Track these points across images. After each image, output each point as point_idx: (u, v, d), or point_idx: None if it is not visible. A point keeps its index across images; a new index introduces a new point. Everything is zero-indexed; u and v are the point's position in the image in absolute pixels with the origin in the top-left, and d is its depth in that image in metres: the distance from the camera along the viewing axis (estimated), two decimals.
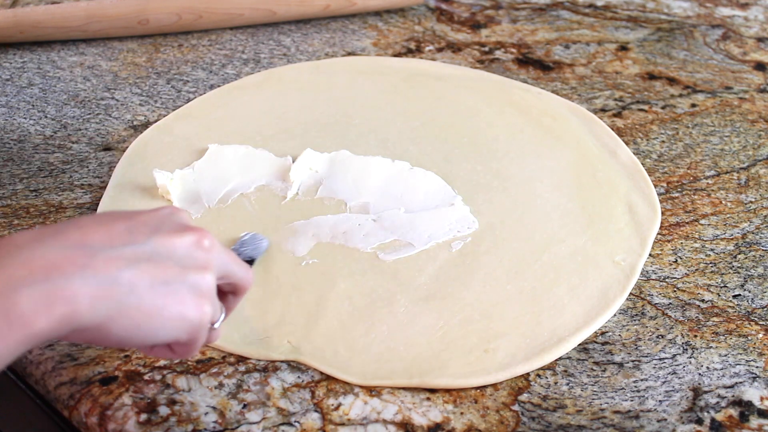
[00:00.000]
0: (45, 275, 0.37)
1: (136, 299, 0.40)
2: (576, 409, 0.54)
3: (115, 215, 0.43)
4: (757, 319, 0.61)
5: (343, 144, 0.76)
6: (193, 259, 0.43)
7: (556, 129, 0.79)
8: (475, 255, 0.65)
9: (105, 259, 0.39)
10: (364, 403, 0.54)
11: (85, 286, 0.38)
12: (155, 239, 0.42)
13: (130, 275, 0.40)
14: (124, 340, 0.41)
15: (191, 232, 0.44)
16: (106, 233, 0.41)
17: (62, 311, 0.37)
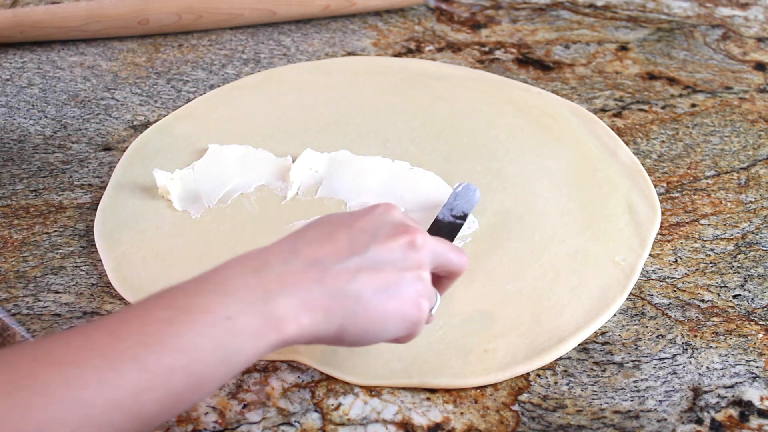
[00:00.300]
0: (292, 289, 0.44)
1: (363, 308, 0.45)
2: (576, 409, 0.54)
3: (335, 223, 0.48)
4: (757, 319, 0.61)
5: (343, 144, 0.76)
6: (408, 261, 0.47)
7: (556, 129, 0.79)
8: (475, 255, 0.65)
9: (335, 273, 0.45)
10: (364, 403, 0.54)
11: (321, 299, 0.44)
12: (373, 248, 0.47)
13: (357, 286, 0.45)
14: (354, 343, 0.47)
15: (404, 234, 0.48)
16: (332, 248, 0.46)
17: (307, 320, 0.44)
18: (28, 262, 0.65)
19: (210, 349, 0.41)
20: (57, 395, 0.37)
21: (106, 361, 0.39)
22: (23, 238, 0.67)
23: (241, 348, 0.42)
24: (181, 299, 0.42)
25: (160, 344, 0.40)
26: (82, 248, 0.66)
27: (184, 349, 0.40)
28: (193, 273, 0.62)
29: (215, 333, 0.41)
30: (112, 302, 0.61)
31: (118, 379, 0.39)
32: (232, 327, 0.42)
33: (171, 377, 0.40)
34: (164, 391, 0.40)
